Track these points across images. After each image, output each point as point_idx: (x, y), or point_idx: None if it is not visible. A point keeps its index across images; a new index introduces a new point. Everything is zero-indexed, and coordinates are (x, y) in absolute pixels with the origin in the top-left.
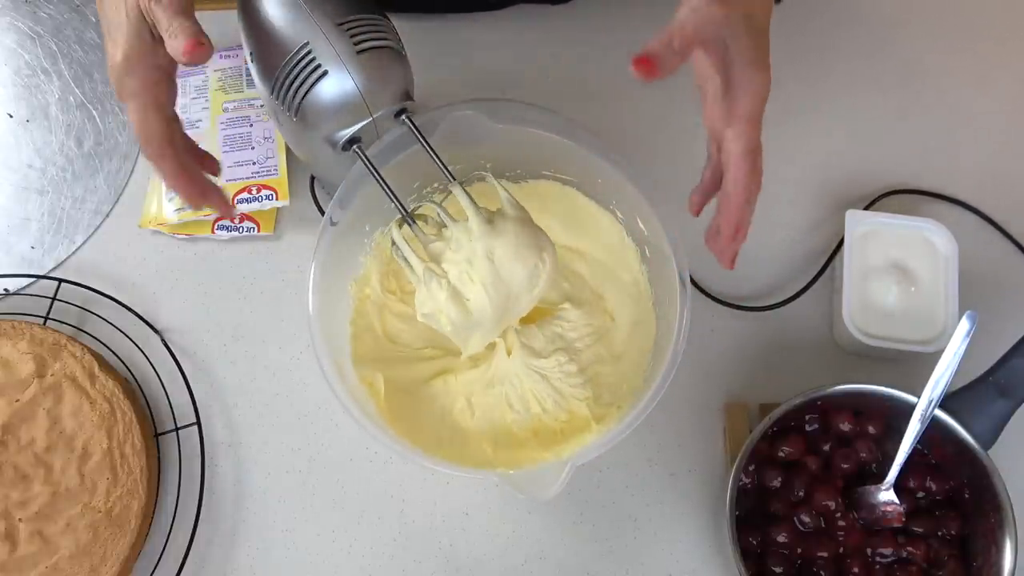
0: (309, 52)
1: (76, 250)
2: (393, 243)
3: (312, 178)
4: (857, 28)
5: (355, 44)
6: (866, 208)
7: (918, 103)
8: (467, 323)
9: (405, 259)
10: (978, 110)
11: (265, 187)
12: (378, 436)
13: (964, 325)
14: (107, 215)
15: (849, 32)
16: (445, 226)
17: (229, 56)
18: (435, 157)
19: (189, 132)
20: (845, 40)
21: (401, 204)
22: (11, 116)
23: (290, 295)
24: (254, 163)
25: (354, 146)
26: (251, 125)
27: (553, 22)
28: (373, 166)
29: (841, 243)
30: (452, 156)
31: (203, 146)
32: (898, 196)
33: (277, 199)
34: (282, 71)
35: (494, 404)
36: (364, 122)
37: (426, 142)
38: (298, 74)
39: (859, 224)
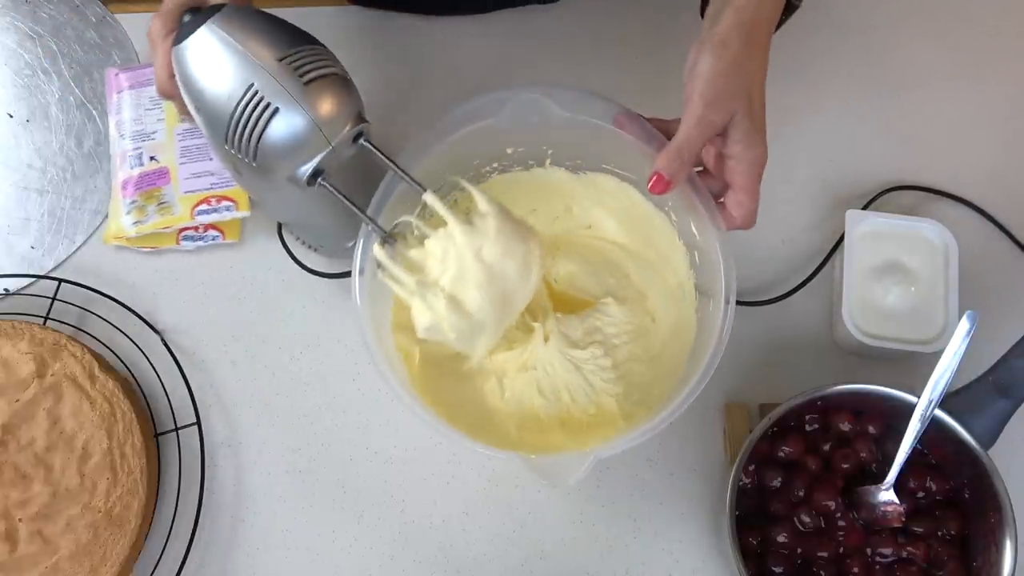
0: (256, 92)
1: (76, 250)
2: (379, 265)
3: (279, 225)
4: (857, 28)
5: (300, 76)
6: (866, 205)
7: (917, 102)
8: (469, 326)
9: (395, 278)
10: (978, 109)
11: (225, 198)
12: (410, 404)
13: (964, 325)
14: (107, 215)
15: (849, 32)
16: (427, 237)
17: None
18: (402, 172)
19: (144, 143)
20: (845, 40)
21: (377, 225)
22: (11, 116)
23: (290, 295)
24: (212, 174)
25: (319, 179)
26: None
27: (544, 23)
28: (343, 194)
29: (841, 240)
30: (515, 139)
31: (160, 157)
32: (898, 192)
33: (237, 210)
34: (232, 117)
35: (524, 388)
36: (324, 152)
37: (389, 159)
38: (249, 117)
39: (859, 224)
